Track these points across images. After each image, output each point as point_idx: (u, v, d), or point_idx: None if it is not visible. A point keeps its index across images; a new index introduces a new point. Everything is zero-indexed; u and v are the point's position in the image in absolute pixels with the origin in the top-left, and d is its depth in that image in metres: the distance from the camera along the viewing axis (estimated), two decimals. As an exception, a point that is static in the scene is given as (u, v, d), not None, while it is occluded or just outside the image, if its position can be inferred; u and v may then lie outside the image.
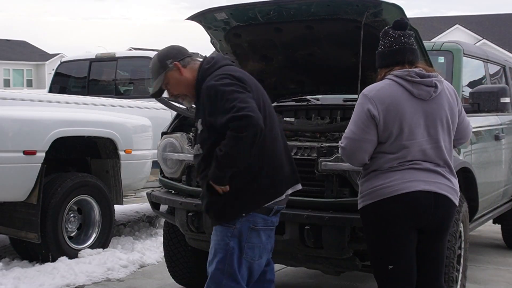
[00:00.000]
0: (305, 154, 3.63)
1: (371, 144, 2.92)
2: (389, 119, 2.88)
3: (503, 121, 5.46)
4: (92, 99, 6.32)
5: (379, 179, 2.93)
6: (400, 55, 2.98)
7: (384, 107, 2.88)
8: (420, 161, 2.91)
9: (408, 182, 2.89)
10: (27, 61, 44.80)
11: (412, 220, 2.93)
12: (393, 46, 2.99)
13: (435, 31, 34.44)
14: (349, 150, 2.95)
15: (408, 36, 3.02)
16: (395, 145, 2.90)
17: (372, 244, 3.05)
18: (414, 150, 2.91)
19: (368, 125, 2.89)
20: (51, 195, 5.21)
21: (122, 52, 7.82)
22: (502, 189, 5.41)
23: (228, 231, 2.95)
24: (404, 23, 3.01)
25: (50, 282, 4.71)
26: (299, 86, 4.91)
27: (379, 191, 2.92)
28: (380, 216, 2.94)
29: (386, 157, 2.92)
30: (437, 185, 2.92)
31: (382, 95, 2.91)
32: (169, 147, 4.11)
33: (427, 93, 2.93)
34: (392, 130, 2.89)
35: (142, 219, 7.40)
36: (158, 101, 4.46)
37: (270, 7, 3.88)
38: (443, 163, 2.97)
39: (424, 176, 2.91)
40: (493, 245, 6.54)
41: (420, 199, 2.89)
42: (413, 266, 3.00)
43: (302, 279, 5.09)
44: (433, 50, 4.87)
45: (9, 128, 4.93)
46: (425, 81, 2.94)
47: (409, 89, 2.92)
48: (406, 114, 2.89)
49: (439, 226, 3.01)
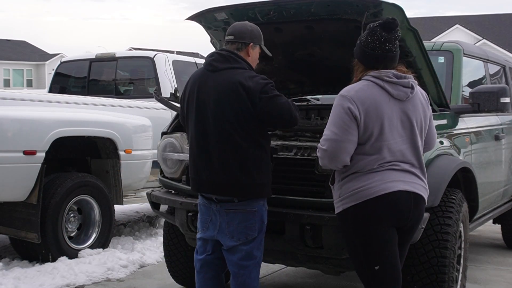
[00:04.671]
0: (305, 154, 3.63)
1: (353, 144, 2.90)
2: (369, 120, 2.88)
3: (503, 121, 5.46)
4: (92, 99, 6.32)
5: (359, 181, 2.92)
6: (380, 62, 2.97)
7: (364, 108, 2.88)
8: (398, 162, 2.94)
9: (388, 183, 2.90)
10: (27, 61, 44.81)
11: (394, 220, 2.95)
12: (376, 51, 2.96)
13: (435, 31, 34.46)
14: (331, 152, 2.89)
15: (394, 40, 2.97)
16: (375, 146, 2.90)
17: (355, 247, 3.03)
18: (393, 150, 2.92)
19: (350, 125, 2.87)
20: (51, 195, 5.21)
21: (122, 52, 7.80)
22: (502, 189, 5.41)
23: None
24: (393, 25, 2.95)
25: (50, 282, 4.71)
26: (299, 86, 4.91)
27: (361, 193, 2.91)
28: (362, 217, 2.93)
29: (366, 159, 2.91)
30: (414, 185, 2.97)
31: (362, 96, 2.91)
32: (169, 147, 4.11)
33: (404, 93, 2.96)
34: (373, 131, 2.89)
35: (142, 219, 7.40)
36: (158, 101, 4.47)
37: (270, 7, 3.89)
38: (417, 164, 3.01)
39: (402, 176, 2.93)
40: (493, 245, 6.54)
41: (401, 199, 2.92)
42: (398, 264, 3.02)
43: (302, 279, 5.09)
44: (433, 50, 4.88)
45: (9, 128, 4.93)
46: (402, 81, 2.96)
47: (387, 89, 2.93)
48: (385, 115, 2.90)
49: (414, 225, 3.06)
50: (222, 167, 3.26)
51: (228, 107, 3.23)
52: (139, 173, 6.14)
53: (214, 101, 3.28)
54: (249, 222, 3.33)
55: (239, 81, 3.23)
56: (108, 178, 5.90)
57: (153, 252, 5.71)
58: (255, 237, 3.36)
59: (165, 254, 4.61)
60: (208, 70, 3.38)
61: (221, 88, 3.27)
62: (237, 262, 3.37)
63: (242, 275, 3.36)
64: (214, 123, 3.27)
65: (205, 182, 3.35)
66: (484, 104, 4.52)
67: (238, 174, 3.24)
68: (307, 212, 3.50)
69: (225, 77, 3.29)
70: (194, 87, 3.40)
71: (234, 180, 3.25)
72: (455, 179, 3.92)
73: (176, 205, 3.96)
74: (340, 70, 4.31)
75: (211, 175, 3.31)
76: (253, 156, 3.26)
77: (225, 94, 3.25)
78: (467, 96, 4.77)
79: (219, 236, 3.40)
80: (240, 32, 3.39)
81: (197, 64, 7.46)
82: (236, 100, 3.22)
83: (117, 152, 5.82)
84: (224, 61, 3.34)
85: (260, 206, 3.36)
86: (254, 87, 3.21)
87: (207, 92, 3.32)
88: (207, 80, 3.34)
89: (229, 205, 3.34)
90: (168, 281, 4.79)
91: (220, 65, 3.33)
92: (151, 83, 7.23)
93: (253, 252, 3.37)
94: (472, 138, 4.61)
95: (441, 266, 3.52)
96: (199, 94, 3.35)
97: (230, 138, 3.24)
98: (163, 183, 4.20)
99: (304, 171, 3.61)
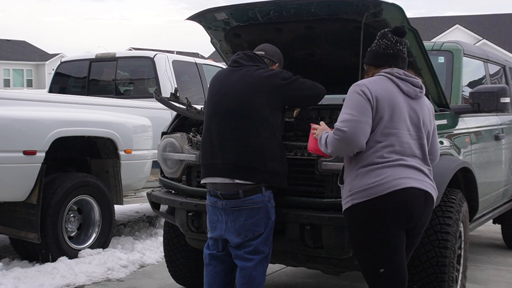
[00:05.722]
0: (305, 154, 3.63)
1: (369, 127, 2.92)
2: (380, 105, 2.93)
3: (503, 121, 5.46)
4: (92, 99, 6.31)
5: (370, 176, 2.91)
6: (393, 60, 3.09)
7: (376, 94, 2.95)
8: (407, 157, 2.95)
9: (400, 179, 2.90)
10: (27, 61, 44.82)
11: (405, 220, 2.93)
12: (388, 50, 3.09)
13: (435, 31, 34.47)
14: (350, 133, 2.87)
15: (404, 45, 3.13)
16: (385, 133, 2.93)
17: (361, 246, 3.00)
18: (402, 141, 2.94)
19: (366, 106, 2.92)
20: (51, 195, 5.21)
21: (122, 52, 7.79)
22: (502, 189, 5.41)
23: None
24: (403, 31, 3.12)
25: (50, 282, 4.71)
26: (299, 86, 4.90)
27: (372, 189, 2.89)
28: (372, 215, 2.91)
29: (375, 146, 2.92)
30: (424, 183, 2.98)
31: (374, 84, 2.99)
32: (169, 147, 4.11)
33: (414, 91, 3.04)
34: (383, 115, 2.92)
35: (142, 219, 7.40)
36: (158, 101, 4.46)
37: (270, 7, 3.89)
38: (424, 163, 3.02)
39: (412, 173, 2.94)
40: (493, 245, 6.54)
41: (414, 197, 2.92)
42: (405, 267, 3.02)
43: (302, 279, 5.09)
44: (433, 50, 4.88)
45: (9, 128, 4.93)
46: (412, 80, 3.06)
47: (398, 84, 3.02)
48: (395, 104, 2.96)
49: (423, 224, 3.06)
50: (239, 151, 3.38)
51: (250, 98, 3.41)
52: (139, 173, 6.14)
53: (236, 92, 3.45)
54: (255, 219, 3.38)
55: (262, 74, 3.46)
56: (108, 178, 5.90)
57: (153, 252, 5.71)
58: (261, 232, 3.40)
59: (165, 254, 4.61)
60: (233, 67, 3.59)
61: (245, 80, 3.47)
62: (243, 256, 3.41)
63: (247, 268, 3.40)
64: (235, 112, 3.42)
65: (218, 164, 3.43)
66: (484, 104, 4.52)
67: (253, 158, 3.35)
68: (307, 212, 3.50)
69: (248, 71, 3.50)
70: (217, 81, 3.61)
71: (246, 162, 3.36)
72: (455, 179, 3.92)
73: (176, 205, 3.96)
74: (340, 70, 4.33)
75: (227, 157, 3.40)
76: (270, 145, 3.40)
77: (248, 84, 3.45)
78: (467, 96, 4.77)
79: (226, 235, 3.46)
80: (271, 51, 3.72)
81: (197, 64, 7.44)
82: (258, 91, 3.42)
83: (117, 152, 5.82)
84: (248, 59, 3.58)
85: (265, 202, 3.39)
86: (276, 76, 3.46)
87: (231, 84, 3.50)
88: (231, 74, 3.54)
89: (234, 202, 3.39)
90: (168, 281, 4.79)
91: (245, 62, 3.56)
92: (151, 83, 7.22)
93: (260, 247, 3.41)
94: (472, 138, 4.61)
95: (441, 266, 3.51)
96: (221, 87, 3.54)
97: (250, 127, 3.38)
98: (163, 183, 4.20)
99: (304, 171, 3.61)
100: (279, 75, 3.48)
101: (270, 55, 3.69)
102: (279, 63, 3.73)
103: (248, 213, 3.38)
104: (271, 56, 3.70)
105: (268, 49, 3.72)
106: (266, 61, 3.66)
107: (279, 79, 3.46)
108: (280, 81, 3.45)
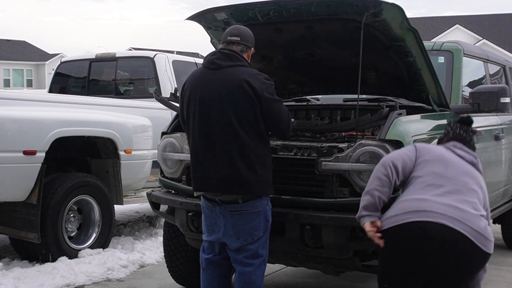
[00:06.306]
0: (305, 154, 3.63)
1: None
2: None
3: (503, 121, 5.46)
4: (92, 99, 6.31)
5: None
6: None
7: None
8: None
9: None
10: (27, 61, 44.79)
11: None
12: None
13: (435, 31, 34.45)
14: None
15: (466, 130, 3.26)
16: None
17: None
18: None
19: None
20: (51, 195, 5.20)
21: (122, 52, 7.80)
22: (502, 189, 5.41)
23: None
24: (469, 121, 3.28)
25: (50, 282, 4.71)
26: (299, 86, 4.91)
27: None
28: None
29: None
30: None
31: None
32: (169, 147, 4.11)
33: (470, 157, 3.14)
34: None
35: (142, 219, 7.40)
36: (158, 101, 4.47)
37: (270, 7, 3.88)
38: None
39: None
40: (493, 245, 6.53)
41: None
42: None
43: (302, 279, 5.09)
44: (433, 50, 4.88)
45: (9, 128, 4.93)
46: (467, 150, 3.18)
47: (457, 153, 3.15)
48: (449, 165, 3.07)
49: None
50: (228, 162, 3.28)
51: (234, 104, 3.27)
52: (139, 173, 6.14)
53: (219, 98, 3.30)
54: (254, 223, 3.35)
55: (244, 78, 3.28)
56: (108, 178, 5.90)
57: (153, 252, 5.70)
58: (260, 236, 3.38)
59: (165, 254, 4.61)
60: (210, 68, 3.40)
61: (226, 85, 3.30)
62: (242, 260, 3.39)
63: (247, 273, 3.38)
64: (219, 119, 3.29)
65: (210, 179, 3.35)
66: (484, 104, 4.52)
67: (243, 169, 3.26)
68: (307, 212, 3.50)
69: (229, 74, 3.32)
70: (195, 86, 3.41)
71: (238, 175, 3.27)
72: (455, 179, 3.91)
73: (176, 205, 3.96)
74: (340, 70, 4.33)
75: (217, 171, 3.31)
76: (258, 152, 3.30)
77: (230, 90, 3.28)
78: (467, 96, 4.77)
79: (224, 238, 3.42)
80: (245, 36, 3.48)
81: (197, 64, 7.45)
82: (241, 97, 3.26)
83: (117, 152, 5.82)
84: (226, 59, 3.37)
85: (264, 205, 3.38)
86: (260, 85, 3.28)
87: (211, 90, 3.33)
88: (210, 78, 3.37)
89: (233, 207, 3.34)
90: (168, 281, 4.79)
91: (223, 63, 3.36)
92: (151, 83, 7.23)
93: (259, 251, 3.40)
94: (472, 138, 4.60)
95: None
96: (202, 92, 3.36)
97: (235, 134, 3.26)
98: (163, 183, 4.20)
99: (304, 171, 3.61)
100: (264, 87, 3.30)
101: (245, 41, 3.46)
102: (253, 46, 3.52)
103: (248, 217, 3.35)
104: (246, 42, 3.46)
105: (243, 33, 3.47)
106: (242, 48, 3.43)
107: (263, 90, 3.28)
108: (263, 93, 3.28)
